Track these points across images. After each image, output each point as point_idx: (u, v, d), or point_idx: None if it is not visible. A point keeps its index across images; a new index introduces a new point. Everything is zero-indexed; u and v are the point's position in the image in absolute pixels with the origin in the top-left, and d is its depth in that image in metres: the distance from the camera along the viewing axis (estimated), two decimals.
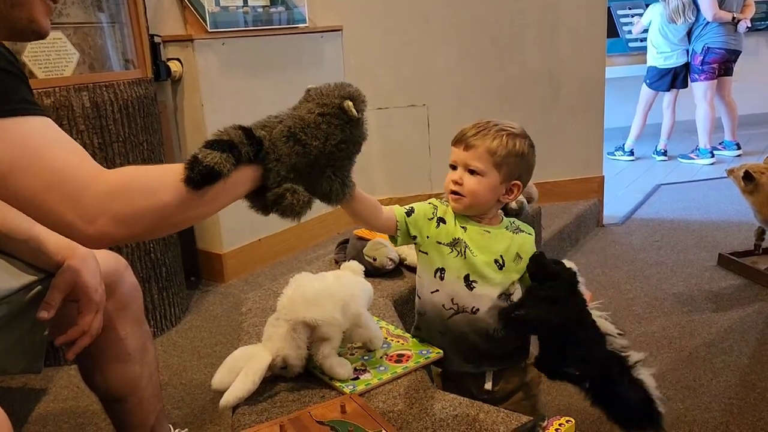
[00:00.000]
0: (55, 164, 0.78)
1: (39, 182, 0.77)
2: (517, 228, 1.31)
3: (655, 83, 4.78)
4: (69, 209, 0.78)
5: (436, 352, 1.29)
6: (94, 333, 1.12)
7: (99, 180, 0.80)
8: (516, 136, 1.26)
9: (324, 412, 1.09)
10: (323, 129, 0.89)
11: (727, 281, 2.63)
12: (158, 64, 2.45)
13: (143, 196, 0.81)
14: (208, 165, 0.82)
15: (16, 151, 0.76)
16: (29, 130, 0.78)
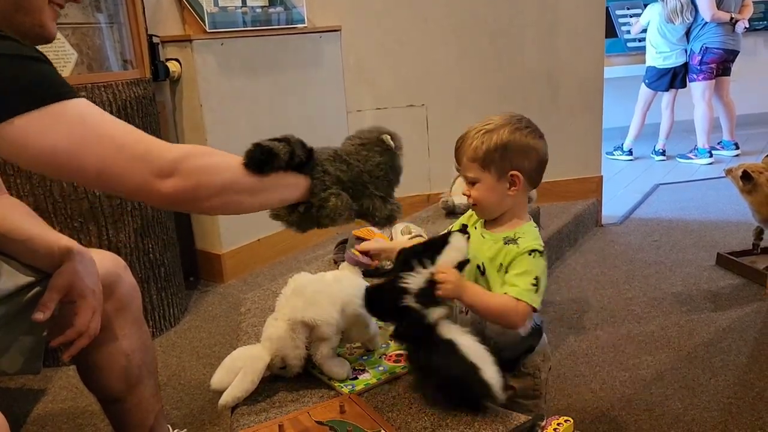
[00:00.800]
0: (116, 133, 0.85)
1: (107, 150, 0.83)
2: (515, 239, 1.24)
3: (654, 83, 4.79)
4: (142, 171, 0.84)
5: None
6: (91, 334, 1.12)
7: (168, 146, 0.88)
8: (491, 131, 1.22)
9: (323, 412, 1.09)
10: (363, 154, 1.03)
11: (726, 281, 2.63)
12: (157, 65, 2.45)
13: (209, 168, 0.90)
14: (267, 147, 0.93)
15: (77, 129, 0.83)
16: (81, 109, 0.84)
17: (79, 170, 0.84)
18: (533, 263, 1.19)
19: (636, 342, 2.17)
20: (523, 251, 1.20)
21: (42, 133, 0.81)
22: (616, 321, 2.34)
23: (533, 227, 1.27)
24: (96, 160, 0.83)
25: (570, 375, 1.99)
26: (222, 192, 0.92)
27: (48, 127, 0.81)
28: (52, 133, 0.81)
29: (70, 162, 0.83)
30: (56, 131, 0.82)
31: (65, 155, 0.82)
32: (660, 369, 1.99)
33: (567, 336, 2.24)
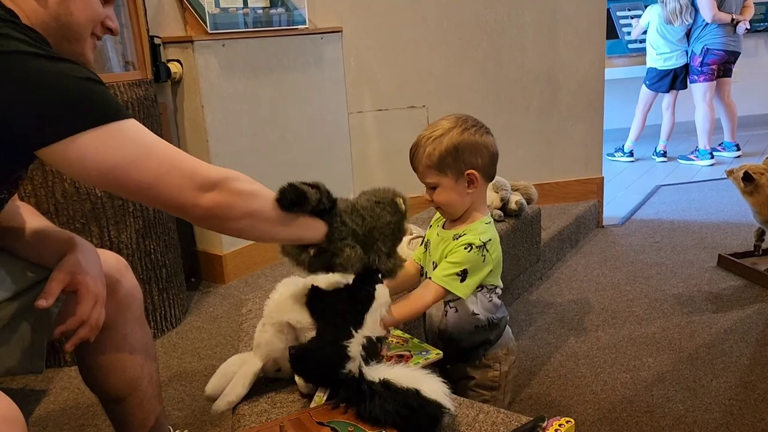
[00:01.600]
0: (166, 151, 0.94)
1: (160, 166, 0.92)
2: (460, 236, 1.31)
3: (655, 84, 4.78)
4: (188, 187, 0.93)
5: (435, 353, 1.29)
6: (93, 324, 1.12)
7: (210, 167, 0.97)
8: (440, 136, 1.28)
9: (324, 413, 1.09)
10: (376, 211, 1.14)
11: (727, 282, 2.63)
12: (158, 66, 2.46)
13: (245, 190, 0.99)
14: (301, 190, 1.03)
15: (132, 146, 0.91)
16: (136, 128, 0.93)
17: (134, 185, 0.92)
18: (465, 256, 1.27)
19: (637, 343, 2.17)
20: (460, 244, 1.28)
21: (102, 150, 0.89)
22: (617, 322, 2.34)
23: (485, 223, 1.34)
24: (150, 176, 0.91)
25: (571, 376, 1.99)
26: (251, 216, 1.00)
27: (107, 145, 0.89)
28: (112, 150, 0.89)
29: (127, 177, 0.91)
30: (115, 149, 0.89)
31: (123, 171, 0.90)
32: (661, 370, 1.99)
33: (568, 337, 2.24)
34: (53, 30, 1.00)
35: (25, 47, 0.88)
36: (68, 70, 0.89)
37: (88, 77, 0.91)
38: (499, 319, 1.40)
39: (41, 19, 1.00)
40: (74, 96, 0.88)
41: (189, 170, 0.94)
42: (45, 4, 0.99)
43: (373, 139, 3.20)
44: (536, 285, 2.71)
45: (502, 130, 3.18)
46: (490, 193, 2.21)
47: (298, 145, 2.93)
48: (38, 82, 0.87)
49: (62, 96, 0.87)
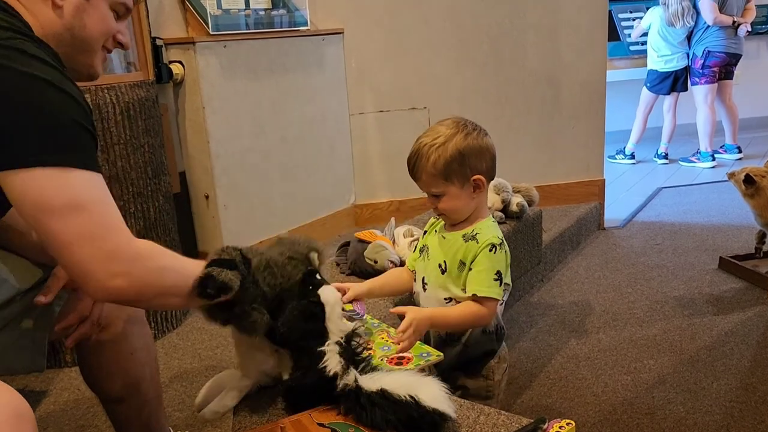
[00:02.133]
0: (101, 220, 0.91)
1: (82, 231, 0.89)
2: (474, 236, 1.30)
3: (656, 86, 4.78)
4: (100, 262, 0.90)
5: (436, 355, 1.29)
6: (95, 320, 1.12)
7: (131, 245, 0.93)
8: (444, 143, 1.26)
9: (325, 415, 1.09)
10: (288, 270, 1.10)
11: (728, 284, 2.63)
12: (160, 67, 2.46)
13: (160, 271, 0.97)
14: (223, 281, 0.98)
15: (72, 197, 0.88)
16: (89, 183, 0.91)
17: (51, 237, 0.89)
18: (494, 258, 1.27)
19: (638, 345, 2.17)
20: (483, 247, 1.27)
21: (40, 190, 0.87)
22: (618, 324, 2.33)
23: (491, 221, 1.33)
24: (68, 235, 0.88)
25: (572, 378, 1.99)
26: (162, 295, 0.99)
27: (48, 186, 0.87)
28: (49, 193, 0.87)
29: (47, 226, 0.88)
30: (52, 194, 0.87)
31: (47, 217, 0.88)
32: (662, 372, 1.99)
33: (569, 339, 2.24)
34: (66, 41, 1.02)
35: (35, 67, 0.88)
36: (65, 106, 0.90)
37: (77, 121, 0.91)
38: (503, 328, 1.39)
39: (55, 29, 1.01)
40: (53, 132, 0.88)
41: (108, 251, 0.90)
42: (61, 14, 1.00)
43: (374, 141, 3.20)
44: (537, 287, 2.70)
45: (504, 132, 3.20)
46: (491, 194, 2.21)
47: (299, 147, 2.93)
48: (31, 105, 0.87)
49: (42, 127, 0.87)
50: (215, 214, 2.64)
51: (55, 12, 1.00)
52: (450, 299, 1.33)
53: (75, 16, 1.02)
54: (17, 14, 0.97)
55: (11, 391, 0.85)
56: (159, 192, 2.27)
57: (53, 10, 1.00)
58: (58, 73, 0.92)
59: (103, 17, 1.05)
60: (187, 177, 2.70)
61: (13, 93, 0.87)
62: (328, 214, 3.11)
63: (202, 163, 2.63)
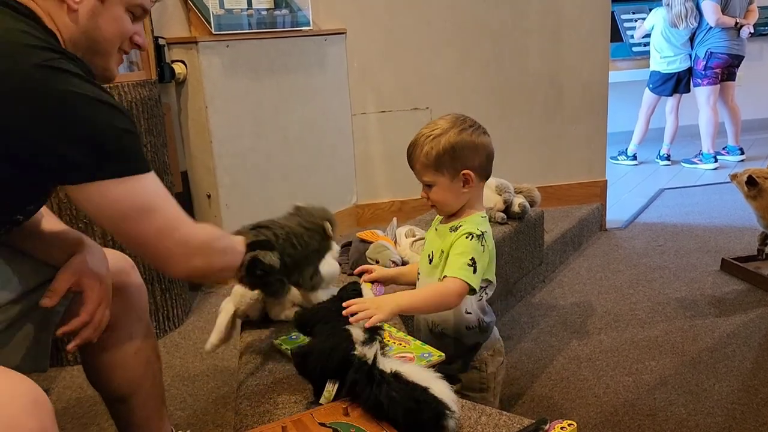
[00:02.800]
0: (169, 214, 1.02)
1: (162, 224, 1.00)
2: (457, 228, 1.32)
3: (659, 88, 4.78)
4: (179, 250, 1.03)
5: (437, 355, 1.29)
6: (97, 325, 1.12)
7: (198, 230, 1.07)
8: (438, 135, 1.29)
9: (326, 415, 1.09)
10: (305, 239, 1.24)
11: (730, 286, 2.63)
12: (162, 66, 2.46)
13: (223, 252, 1.12)
14: (269, 264, 1.15)
15: (141, 200, 0.98)
16: (149, 184, 1.00)
17: (134, 236, 1.00)
18: (468, 245, 1.28)
19: (640, 347, 2.17)
20: (460, 235, 1.29)
21: (119, 198, 0.96)
22: (619, 326, 2.33)
23: (480, 217, 1.35)
24: (152, 232, 1.00)
25: (573, 379, 1.98)
26: (221, 271, 1.14)
27: (125, 195, 0.96)
28: (127, 201, 0.97)
29: (132, 228, 0.99)
30: (130, 200, 0.97)
31: (130, 222, 0.98)
32: (664, 374, 1.99)
33: (570, 340, 2.24)
34: (82, 44, 1.03)
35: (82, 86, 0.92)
36: (112, 118, 0.95)
37: (126, 129, 0.97)
38: (488, 323, 1.41)
39: (71, 33, 1.02)
40: (110, 145, 0.94)
41: (185, 235, 1.03)
42: (76, 18, 1.01)
43: (376, 141, 3.20)
44: (539, 287, 2.70)
45: (506, 133, 3.20)
46: (493, 195, 2.21)
47: (301, 147, 2.93)
48: (84, 124, 0.92)
49: (100, 143, 0.93)
50: (217, 214, 2.64)
51: (71, 16, 1.01)
52: None
53: (90, 19, 1.02)
54: (41, 21, 0.99)
55: (29, 380, 0.88)
56: None
57: (68, 14, 1.01)
58: (98, 88, 0.95)
59: (118, 19, 1.05)
60: (189, 176, 2.70)
61: (68, 110, 0.90)
62: None
63: (204, 163, 2.63)
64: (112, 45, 1.07)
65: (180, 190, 2.63)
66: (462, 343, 1.38)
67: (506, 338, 1.52)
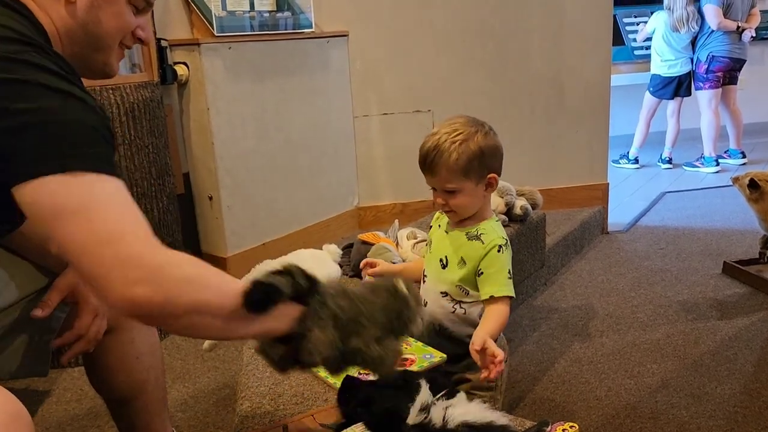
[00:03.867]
0: (116, 223, 0.81)
1: (94, 235, 0.79)
2: (478, 236, 1.32)
3: (659, 91, 4.78)
4: (117, 267, 0.78)
5: (439, 356, 1.29)
6: (92, 338, 1.11)
7: (156, 252, 0.82)
8: (466, 139, 1.28)
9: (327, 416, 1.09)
10: (369, 297, 0.92)
11: (732, 289, 2.62)
12: (165, 68, 2.46)
13: (192, 282, 0.83)
14: (272, 283, 0.85)
15: (87, 197, 0.81)
16: (103, 186, 0.83)
17: (60, 242, 0.81)
18: (503, 258, 1.30)
19: (641, 350, 2.16)
20: (490, 249, 1.30)
21: (52, 195, 0.80)
22: (621, 328, 2.33)
23: (495, 221, 1.36)
24: (79, 240, 0.80)
25: (575, 382, 1.98)
26: (197, 311, 0.83)
27: (60, 190, 0.80)
28: (61, 198, 0.80)
29: (59, 230, 0.81)
30: (65, 196, 0.80)
31: (57, 222, 0.80)
32: (665, 377, 1.99)
33: (572, 343, 2.23)
34: (80, 39, 0.98)
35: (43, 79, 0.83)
36: (77, 113, 0.85)
37: (93, 126, 0.85)
38: None
39: (68, 27, 0.97)
40: (66, 140, 0.82)
41: (130, 251, 0.80)
42: (74, 11, 0.96)
43: (378, 143, 3.20)
44: (541, 290, 2.70)
45: (508, 135, 3.15)
46: (495, 197, 2.21)
47: (303, 149, 2.93)
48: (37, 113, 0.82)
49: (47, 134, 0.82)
50: (219, 215, 2.64)
51: (68, 9, 0.96)
52: (446, 293, 1.37)
53: (88, 12, 0.97)
54: (29, 14, 0.93)
55: (7, 393, 0.83)
56: (163, 193, 2.27)
57: (65, 7, 0.96)
58: (66, 82, 0.86)
59: (119, 13, 0.99)
60: (191, 178, 2.70)
61: (17, 104, 0.81)
62: (331, 216, 3.11)
63: (206, 164, 2.63)
64: (112, 39, 1.01)
65: (182, 192, 2.63)
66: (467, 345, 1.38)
67: (508, 341, 1.52)
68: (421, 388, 0.95)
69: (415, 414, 0.92)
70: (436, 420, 0.92)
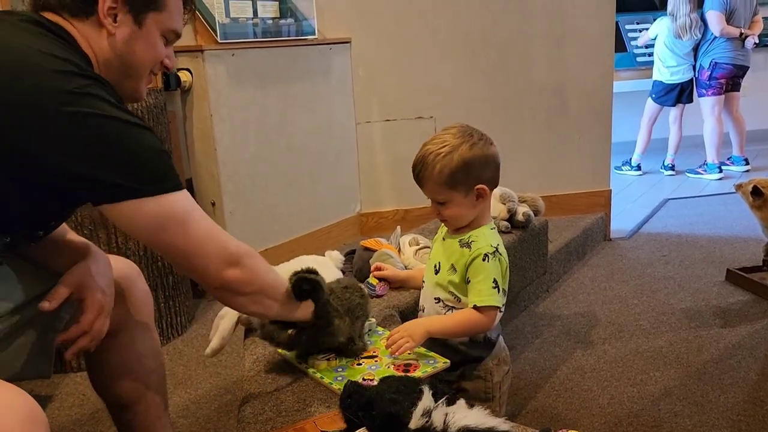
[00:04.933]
0: (204, 225, 1.05)
1: (198, 236, 1.02)
2: (468, 243, 1.32)
3: (661, 98, 4.78)
4: (217, 256, 1.04)
5: (442, 362, 1.28)
6: (95, 335, 1.12)
7: (239, 243, 1.09)
8: (450, 152, 1.27)
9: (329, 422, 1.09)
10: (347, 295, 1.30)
11: (735, 297, 2.61)
12: (168, 74, 2.48)
13: (265, 268, 1.14)
14: (315, 280, 1.19)
15: (180, 212, 1.01)
16: (187, 200, 1.04)
17: (172, 248, 1.03)
18: (488, 267, 1.29)
19: (644, 357, 2.16)
20: (476, 257, 1.29)
21: (154, 215, 0.98)
22: (624, 336, 2.32)
23: (489, 229, 1.35)
24: (189, 244, 1.02)
25: (578, 389, 1.97)
26: (261, 292, 1.13)
27: (160, 212, 0.99)
28: (163, 218, 0.99)
29: (169, 241, 1.01)
30: (166, 216, 0.99)
31: (166, 235, 1.00)
32: (668, 385, 1.98)
33: (574, 350, 2.23)
34: (115, 68, 1.05)
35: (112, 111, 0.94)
36: (146, 140, 0.98)
37: (160, 149, 1.00)
38: (494, 338, 1.41)
39: (107, 56, 1.04)
40: (144, 166, 0.97)
41: (221, 244, 1.05)
42: (113, 42, 1.03)
43: (380, 150, 3.21)
44: (543, 297, 2.70)
45: (510, 142, 3.19)
46: (497, 204, 2.21)
47: (305, 155, 2.94)
48: (118, 148, 0.94)
49: (134, 163, 0.96)
50: (221, 221, 2.65)
51: (109, 41, 1.03)
52: (438, 300, 1.36)
53: (126, 43, 1.04)
54: (75, 43, 1.01)
55: (25, 394, 0.86)
56: None
57: (107, 38, 1.03)
58: (127, 113, 0.97)
59: (153, 44, 1.07)
60: (193, 184, 2.71)
61: (102, 135, 0.92)
62: (333, 222, 3.11)
63: (208, 170, 2.64)
64: (144, 69, 1.09)
65: None
66: (465, 354, 1.37)
67: (510, 348, 1.52)
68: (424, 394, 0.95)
69: (417, 419, 0.93)
70: (438, 425, 0.94)
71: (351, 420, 0.98)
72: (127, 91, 1.08)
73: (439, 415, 0.94)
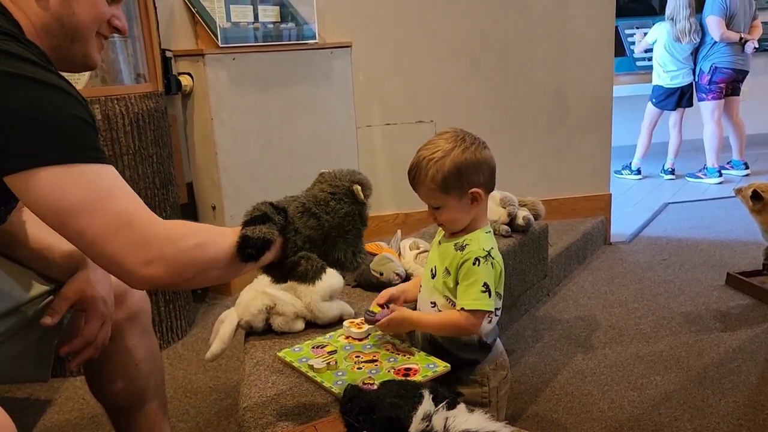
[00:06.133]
0: (122, 209, 0.88)
1: (106, 224, 0.86)
2: (462, 247, 1.31)
3: (662, 102, 4.79)
4: (131, 252, 0.87)
5: (443, 366, 1.28)
6: (99, 344, 1.12)
7: (159, 228, 0.90)
8: (442, 157, 1.27)
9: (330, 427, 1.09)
10: (332, 205, 1.06)
11: (736, 301, 2.61)
12: (169, 78, 2.48)
13: (195, 249, 0.93)
14: (260, 237, 0.97)
15: (88, 192, 0.86)
16: (101, 175, 0.88)
17: (77, 234, 0.87)
18: (479, 271, 1.28)
19: (644, 361, 2.16)
20: (467, 260, 1.29)
21: (58, 189, 0.84)
22: (624, 340, 2.32)
23: (484, 233, 1.34)
24: (96, 230, 0.86)
25: (578, 394, 1.97)
26: (203, 271, 0.95)
27: (64, 185, 0.85)
28: (67, 192, 0.85)
29: (73, 224, 0.86)
30: (70, 191, 0.85)
31: (70, 216, 0.86)
32: (669, 389, 1.98)
33: (575, 354, 2.23)
34: (56, 31, 0.98)
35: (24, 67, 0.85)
36: (60, 103, 0.87)
37: (78, 116, 0.88)
38: (489, 341, 1.39)
39: (43, 21, 0.97)
40: (48, 128, 0.85)
41: (137, 239, 0.87)
42: (47, 5, 0.97)
43: (381, 153, 3.21)
44: (543, 301, 2.70)
45: (510, 146, 3.20)
46: (497, 208, 2.21)
47: (306, 159, 2.94)
48: (20, 106, 0.84)
49: (35, 127, 0.84)
50: (222, 225, 2.64)
51: (40, 3, 0.96)
52: (434, 304, 1.36)
53: (62, 4, 0.97)
54: (6, 12, 0.94)
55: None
56: (166, 202, 2.28)
57: (37, 2, 0.96)
58: (43, 70, 0.88)
59: (92, 2, 1.00)
60: (194, 187, 2.71)
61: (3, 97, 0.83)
62: None
63: (209, 174, 2.64)
64: (89, 30, 1.01)
65: (185, 201, 2.64)
66: (458, 357, 1.36)
67: (510, 352, 1.52)
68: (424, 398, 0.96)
69: (418, 423, 0.93)
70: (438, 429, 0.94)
71: (351, 424, 0.98)
72: (77, 58, 1.02)
73: (440, 419, 0.94)
